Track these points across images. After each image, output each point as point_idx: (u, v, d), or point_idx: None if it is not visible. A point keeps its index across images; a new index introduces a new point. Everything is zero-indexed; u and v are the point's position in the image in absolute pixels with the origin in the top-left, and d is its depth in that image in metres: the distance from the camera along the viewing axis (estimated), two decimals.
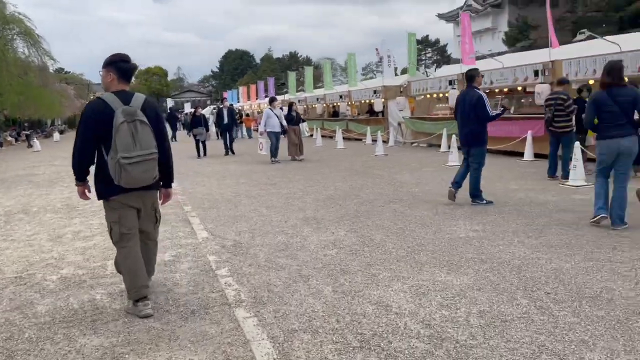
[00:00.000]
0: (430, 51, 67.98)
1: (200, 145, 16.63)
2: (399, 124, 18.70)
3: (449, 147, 14.79)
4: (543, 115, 12.31)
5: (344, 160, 14.29)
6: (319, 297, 4.00)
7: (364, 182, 10.08)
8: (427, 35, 68.28)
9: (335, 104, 26.23)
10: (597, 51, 10.89)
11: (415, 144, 18.18)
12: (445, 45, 64.94)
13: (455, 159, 12.05)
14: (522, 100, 14.30)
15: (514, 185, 8.96)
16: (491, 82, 14.11)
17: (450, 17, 47.31)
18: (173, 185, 4.26)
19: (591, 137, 9.04)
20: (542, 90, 11.89)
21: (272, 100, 14.61)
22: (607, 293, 3.87)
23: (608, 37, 11.41)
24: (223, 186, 10.22)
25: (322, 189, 9.41)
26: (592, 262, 4.63)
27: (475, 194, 7.41)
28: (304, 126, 18.27)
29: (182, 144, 22.44)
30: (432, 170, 11.53)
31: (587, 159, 9.30)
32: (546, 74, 11.97)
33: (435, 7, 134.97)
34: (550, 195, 7.94)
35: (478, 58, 18.15)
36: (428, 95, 17.64)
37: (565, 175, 9.01)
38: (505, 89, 14.24)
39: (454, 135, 12.39)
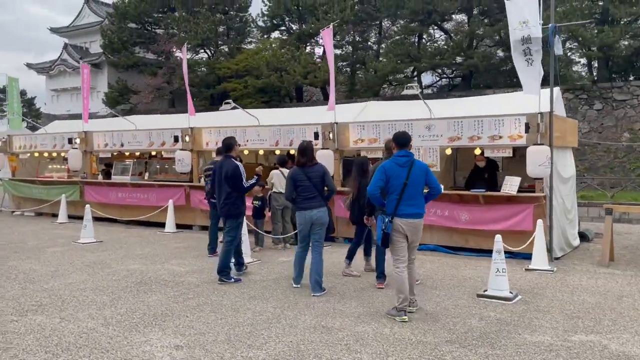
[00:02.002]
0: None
1: None
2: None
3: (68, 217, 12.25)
4: (184, 184, 11.58)
5: None
6: None
7: None
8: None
9: None
10: (239, 122, 11.00)
11: (19, 213, 14.36)
12: (33, 98, 57.85)
13: (89, 234, 9.69)
14: (158, 167, 13.13)
15: (180, 267, 7.55)
16: (122, 145, 12.43)
17: (42, 69, 42.42)
18: None
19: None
20: (183, 157, 11.06)
21: None
22: None
23: (249, 110, 11.95)
24: None
25: None
26: None
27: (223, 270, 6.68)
28: None
29: None
30: (64, 250, 8.87)
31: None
32: (186, 140, 11.22)
33: (18, 55, 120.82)
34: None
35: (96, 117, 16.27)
36: (37, 154, 14.32)
37: None
38: (137, 153, 12.79)
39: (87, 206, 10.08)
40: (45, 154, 14.24)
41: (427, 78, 36.17)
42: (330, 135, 9.37)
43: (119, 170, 12.81)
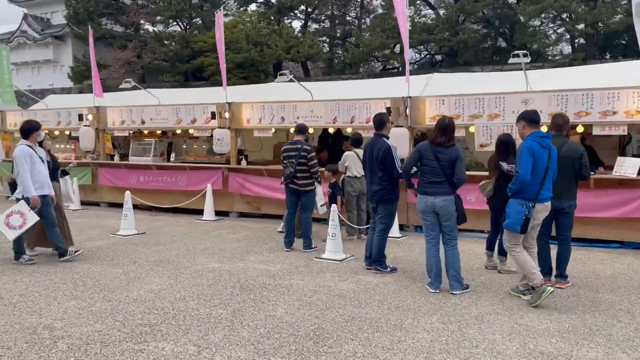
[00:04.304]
0: None
1: None
2: None
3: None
4: (221, 166, 9.94)
5: None
6: None
7: None
8: None
9: None
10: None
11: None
12: None
13: (130, 225, 8.26)
14: (185, 147, 11.65)
15: (267, 265, 6.36)
16: (142, 122, 10.85)
17: (1, 40, 38.54)
18: None
19: None
20: (223, 136, 9.68)
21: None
22: None
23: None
24: None
25: None
26: None
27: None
28: (67, 185, 8.12)
29: None
30: (109, 245, 7.42)
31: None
32: (225, 116, 9.82)
33: None
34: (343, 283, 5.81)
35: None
36: None
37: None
38: (159, 131, 11.29)
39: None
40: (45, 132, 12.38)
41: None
42: (407, 111, 8.27)
43: (138, 151, 11.25)
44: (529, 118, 5.03)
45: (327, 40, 35.88)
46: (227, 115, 9.80)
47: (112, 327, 4.24)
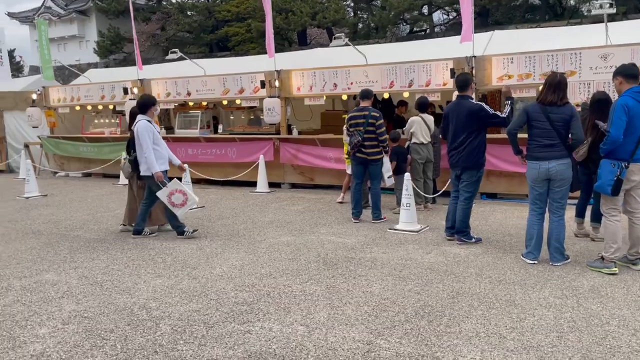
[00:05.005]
0: None
1: None
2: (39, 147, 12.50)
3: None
4: (272, 136, 9.59)
5: None
6: None
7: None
8: None
9: None
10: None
11: (63, 174, 12.49)
12: (13, 50, 53.23)
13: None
14: (232, 118, 11.36)
15: (343, 238, 6.10)
16: (188, 94, 10.56)
17: (26, 18, 38.44)
18: None
19: None
20: (273, 106, 9.35)
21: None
22: None
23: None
24: None
25: None
26: None
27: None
28: None
29: None
30: None
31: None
32: (276, 84, 9.46)
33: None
34: (422, 254, 5.52)
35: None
36: (78, 108, 12.29)
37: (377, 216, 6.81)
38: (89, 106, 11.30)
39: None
40: (89, 107, 12.24)
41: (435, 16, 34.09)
42: (473, 72, 7.78)
43: (184, 124, 11.01)
44: (627, 72, 4.57)
45: (352, 4, 34.80)
46: (277, 83, 9.43)
47: (208, 307, 4.04)
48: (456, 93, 5.69)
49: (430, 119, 7.40)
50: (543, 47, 7.68)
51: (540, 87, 4.86)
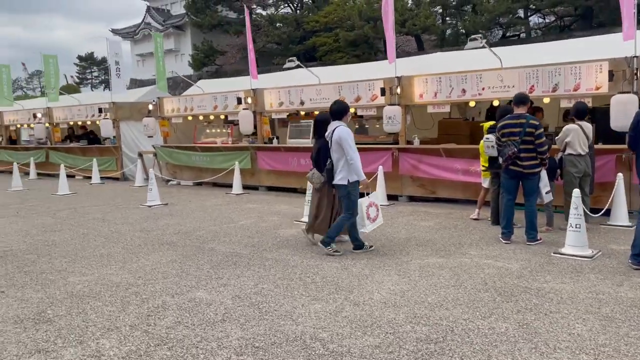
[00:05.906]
0: (97, 70, 58.81)
1: None
2: (153, 155, 12.82)
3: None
4: (391, 146, 8.93)
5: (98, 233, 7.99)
6: None
7: None
8: (92, 53, 58.97)
9: (18, 125, 17.57)
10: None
11: (175, 183, 12.69)
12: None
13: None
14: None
15: (504, 262, 5.38)
16: (301, 103, 10.28)
17: (127, 34, 40.92)
18: None
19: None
20: (395, 114, 8.80)
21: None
22: None
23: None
24: None
25: None
26: None
27: None
28: None
29: None
30: (301, 234, 6.88)
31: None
32: (397, 92, 8.90)
33: (91, 25, 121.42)
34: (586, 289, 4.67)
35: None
36: (190, 118, 12.45)
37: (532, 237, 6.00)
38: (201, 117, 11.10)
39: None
40: (201, 117, 12.34)
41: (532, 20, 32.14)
42: (638, 74, 6.77)
43: (295, 133, 10.73)
44: None
45: (440, 11, 33.67)
46: (398, 90, 8.87)
47: (389, 342, 3.50)
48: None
49: (588, 127, 6.49)
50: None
51: None
